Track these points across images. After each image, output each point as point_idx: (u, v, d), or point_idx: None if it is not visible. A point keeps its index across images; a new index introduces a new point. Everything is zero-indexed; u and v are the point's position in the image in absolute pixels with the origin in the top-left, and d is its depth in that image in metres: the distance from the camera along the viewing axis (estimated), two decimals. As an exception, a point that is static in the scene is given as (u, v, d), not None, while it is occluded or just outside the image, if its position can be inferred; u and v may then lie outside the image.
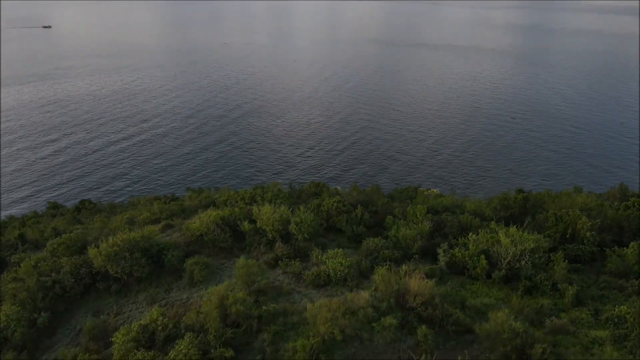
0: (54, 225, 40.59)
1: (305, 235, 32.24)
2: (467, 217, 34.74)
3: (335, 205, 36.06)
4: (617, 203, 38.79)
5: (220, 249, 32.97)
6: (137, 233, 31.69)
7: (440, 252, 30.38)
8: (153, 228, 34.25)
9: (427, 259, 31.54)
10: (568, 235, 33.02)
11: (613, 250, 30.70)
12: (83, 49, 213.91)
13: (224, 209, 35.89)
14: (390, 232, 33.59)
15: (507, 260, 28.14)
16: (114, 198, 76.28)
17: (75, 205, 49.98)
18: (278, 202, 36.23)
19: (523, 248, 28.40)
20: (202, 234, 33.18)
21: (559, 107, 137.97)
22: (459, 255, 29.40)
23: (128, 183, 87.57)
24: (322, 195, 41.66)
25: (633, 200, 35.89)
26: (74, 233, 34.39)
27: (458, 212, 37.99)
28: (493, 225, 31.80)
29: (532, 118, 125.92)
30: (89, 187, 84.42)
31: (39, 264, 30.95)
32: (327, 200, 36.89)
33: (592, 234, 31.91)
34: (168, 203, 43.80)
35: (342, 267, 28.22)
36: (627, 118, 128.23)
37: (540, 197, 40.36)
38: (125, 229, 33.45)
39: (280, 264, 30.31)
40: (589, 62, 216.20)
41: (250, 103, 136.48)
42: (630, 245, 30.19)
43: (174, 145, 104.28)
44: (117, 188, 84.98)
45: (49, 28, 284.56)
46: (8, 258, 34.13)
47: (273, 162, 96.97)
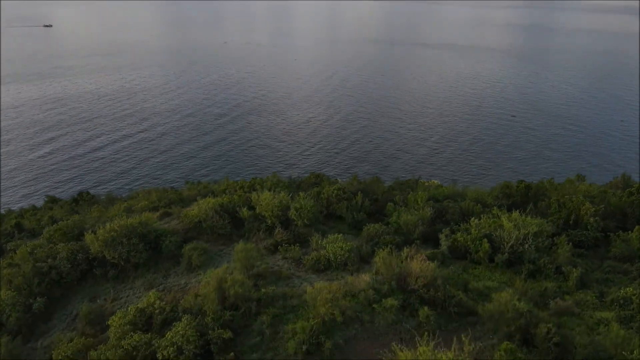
0: (51, 214, 40.17)
1: (305, 221, 31.82)
2: (468, 203, 34.31)
3: (336, 193, 35.64)
4: (620, 191, 38.32)
5: (219, 236, 32.54)
6: (134, 219, 31.28)
7: (442, 237, 29.97)
8: (151, 215, 33.82)
9: (428, 245, 31.10)
10: (571, 222, 32.57)
11: (617, 235, 30.26)
12: (84, 48, 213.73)
13: (223, 197, 35.46)
14: (391, 218, 33.15)
15: (510, 244, 27.70)
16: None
17: (73, 197, 49.50)
18: (278, 190, 35.78)
19: (526, 232, 27.97)
20: (200, 221, 32.76)
21: (560, 105, 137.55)
22: (461, 240, 28.97)
23: (128, 181, 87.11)
24: (322, 184, 41.22)
25: (637, 187, 35.43)
26: (71, 220, 33.99)
27: (459, 200, 37.53)
28: (495, 211, 31.36)
29: (532, 117, 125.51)
30: (89, 185, 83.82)
31: (35, 251, 30.54)
32: (327, 188, 36.48)
33: (595, 220, 31.47)
34: (166, 192, 43.34)
35: (342, 251, 27.78)
36: (627, 116, 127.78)
37: (542, 185, 39.90)
38: (123, 217, 33.01)
39: (280, 249, 29.87)
40: (590, 60, 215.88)
41: (251, 102, 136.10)
42: (635, 229, 29.75)
43: (174, 144, 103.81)
44: (117, 186, 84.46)
45: (50, 27, 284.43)
46: (4, 245, 33.72)
47: (273, 160, 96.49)
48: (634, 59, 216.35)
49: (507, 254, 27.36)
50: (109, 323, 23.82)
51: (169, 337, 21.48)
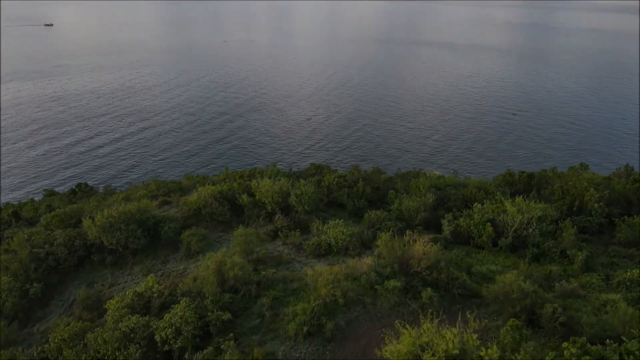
0: (49, 203, 39.76)
1: (306, 207, 31.40)
2: (471, 190, 33.88)
3: (336, 180, 35.24)
4: (624, 179, 37.90)
5: (219, 223, 32.11)
6: (132, 205, 30.87)
7: (445, 222, 29.55)
8: (149, 202, 33.40)
9: (430, 231, 30.64)
10: (575, 208, 32.16)
11: (623, 220, 29.85)
12: (84, 47, 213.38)
13: (223, 185, 35.05)
14: (393, 205, 32.72)
15: (513, 228, 27.29)
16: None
17: (71, 189, 49.04)
18: (278, 177, 35.35)
19: (530, 216, 27.55)
20: (199, 208, 32.34)
21: (560, 103, 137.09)
22: (464, 225, 28.55)
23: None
24: (322, 173, 40.80)
25: (641, 174, 35.00)
26: (69, 208, 33.58)
27: (461, 188, 37.11)
28: (499, 196, 30.94)
29: (533, 115, 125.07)
30: (89, 183, 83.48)
31: (32, 237, 30.11)
32: (327, 176, 36.08)
33: (600, 205, 31.05)
34: (165, 183, 42.87)
35: (343, 235, 27.35)
36: (628, 114, 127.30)
37: (545, 174, 39.48)
38: (121, 203, 32.59)
39: (280, 235, 29.44)
40: (590, 59, 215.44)
41: (251, 101, 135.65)
42: (641, 214, 29.32)
43: (174, 143, 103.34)
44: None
45: (51, 26, 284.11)
46: (2, 233, 33.31)
47: (274, 159, 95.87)
48: (634, 58, 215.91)
49: (510, 238, 26.93)
50: (107, 307, 23.40)
51: (167, 318, 21.08)
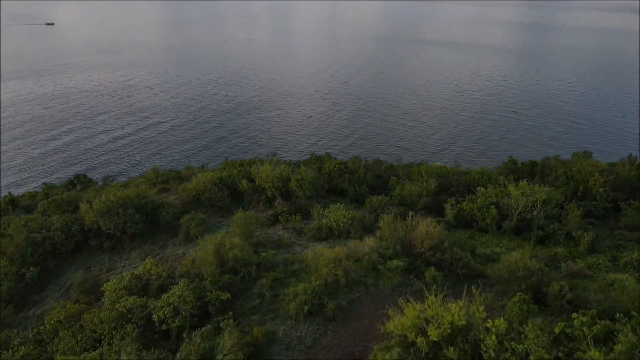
0: (47, 192, 39.32)
1: (307, 193, 30.95)
2: (474, 175, 33.44)
3: (337, 167, 34.80)
4: (629, 166, 37.45)
5: (218, 208, 31.67)
6: (131, 190, 30.45)
7: (447, 206, 29.11)
8: (147, 188, 32.97)
9: (433, 216, 30.08)
10: (579, 193, 31.71)
11: (628, 204, 29.41)
12: (85, 46, 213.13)
13: (222, 171, 34.62)
14: (395, 191, 32.28)
15: (517, 211, 26.84)
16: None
17: (70, 180, 48.56)
18: (278, 165, 34.87)
19: (534, 199, 27.12)
20: (198, 194, 31.89)
21: (561, 102, 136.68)
22: (467, 209, 28.10)
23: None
24: (323, 162, 40.35)
25: (646, 160, 34.57)
26: (66, 194, 33.14)
27: (464, 175, 36.65)
28: (502, 180, 30.49)
29: (534, 114, 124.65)
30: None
31: (29, 223, 29.68)
32: (328, 163, 35.64)
33: (605, 190, 30.61)
34: (164, 172, 42.44)
35: (344, 219, 26.91)
36: (628, 112, 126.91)
37: (548, 161, 39.03)
38: (120, 189, 32.15)
39: (280, 220, 28.99)
40: (590, 58, 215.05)
41: (251, 99, 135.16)
42: (647, 197, 28.87)
43: (175, 141, 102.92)
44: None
45: (52, 25, 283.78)
46: (-2, 220, 32.82)
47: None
48: (634, 57, 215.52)
49: (515, 221, 26.48)
50: (104, 289, 22.95)
51: (165, 298, 20.64)
